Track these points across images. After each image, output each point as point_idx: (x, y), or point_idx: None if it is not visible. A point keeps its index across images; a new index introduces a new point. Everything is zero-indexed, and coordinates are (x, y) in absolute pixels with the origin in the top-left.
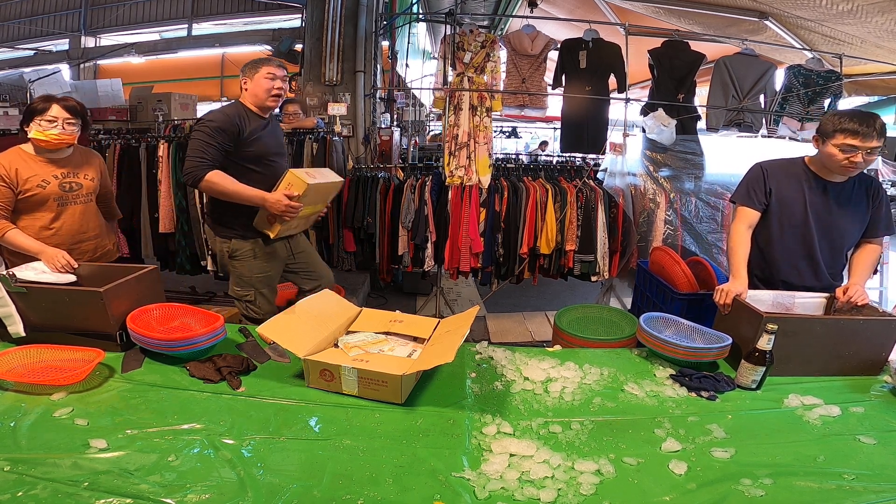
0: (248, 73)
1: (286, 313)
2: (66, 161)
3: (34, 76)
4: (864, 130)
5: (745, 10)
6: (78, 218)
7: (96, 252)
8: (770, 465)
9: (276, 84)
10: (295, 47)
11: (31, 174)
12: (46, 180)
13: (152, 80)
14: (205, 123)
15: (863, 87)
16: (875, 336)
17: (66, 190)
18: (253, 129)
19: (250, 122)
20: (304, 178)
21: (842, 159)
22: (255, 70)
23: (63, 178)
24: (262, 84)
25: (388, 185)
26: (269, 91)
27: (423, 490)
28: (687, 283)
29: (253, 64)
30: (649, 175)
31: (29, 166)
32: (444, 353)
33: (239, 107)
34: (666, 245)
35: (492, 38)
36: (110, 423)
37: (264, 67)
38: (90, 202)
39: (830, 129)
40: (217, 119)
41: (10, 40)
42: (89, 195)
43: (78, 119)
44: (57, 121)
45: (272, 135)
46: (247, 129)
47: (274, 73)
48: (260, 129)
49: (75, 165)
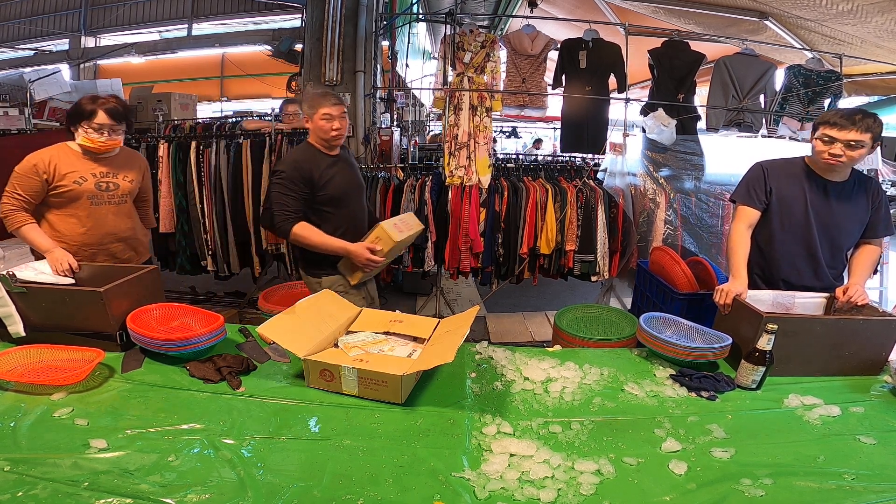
0: (307, 112)
1: (286, 313)
2: (109, 161)
3: (34, 76)
4: (842, 122)
5: (745, 10)
6: (110, 218)
7: (124, 254)
8: (770, 465)
9: (335, 125)
10: (295, 47)
11: (71, 170)
12: (84, 177)
13: (152, 80)
14: (278, 174)
15: (863, 87)
16: (875, 336)
17: (101, 189)
18: (324, 170)
19: (320, 163)
20: (391, 235)
21: (822, 151)
22: (312, 110)
23: (101, 177)
24: (320, 126)
25: (388, 185)
26: (329, 133)
27: (423, 490)
28: (687, 283)
29: (310, 103)
30: (649, 175)
31: (70, 162)
32: (444, 353)
33: (308, 150)
34: (666, 245)
35: (492, 38)
36: (110, 423)
37: (321, 109)
38: (124, 203)
39: (816, 123)
40: (287, 169)
41: (10, 40)
42: (124, 196)
43: (123, 123)
44: (103, 128)
45: (345, 170)
46: (318, 172)
47: (330, 114)
48: (330, 167)
49: (117, 166)
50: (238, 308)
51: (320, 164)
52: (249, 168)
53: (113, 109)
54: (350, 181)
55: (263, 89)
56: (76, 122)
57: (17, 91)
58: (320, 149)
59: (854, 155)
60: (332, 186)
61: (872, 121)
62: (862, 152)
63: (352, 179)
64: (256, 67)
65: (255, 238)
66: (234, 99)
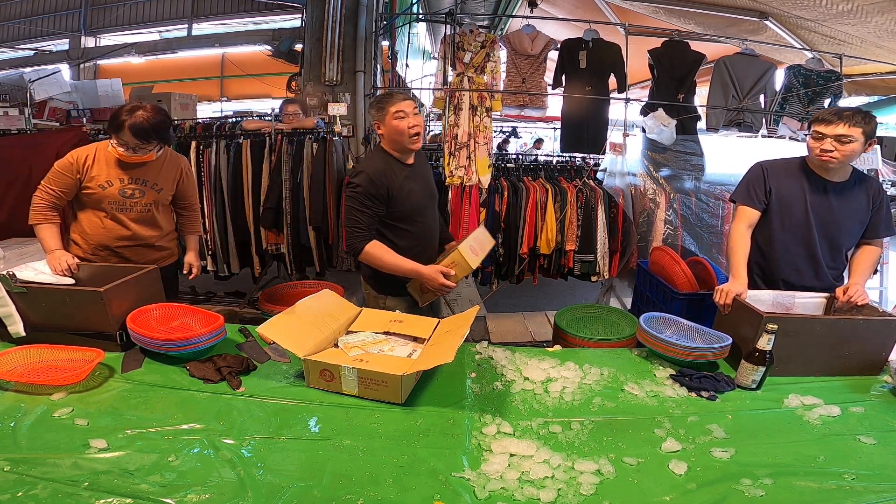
0: (377, 116)
1: (286, 313)
2: (143, 169)
3: (34, 76)
4: (829, 117)
5: (745, 10)
6: (129, 225)
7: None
8: (770, 465)
9: (410, 122)
10: (295, 47)
11: (100, 172)
12: (110, 181)
13: (152, 80)
14: (353, 188)
15: (863, 87)
16: (875, 336)
17: (125, 196)
18: (401, 182)
19: (397, 174)
20: (469, 261)
21: (814, 147)
22: (382, 112)
23: (127, 184)
24: (394, 127)
25: None
26: (405, 133)
27: (423, 490)
28: (687, 283)
29: (378, 105)
30: (649, 175)
31: (102, 164)
32: (444, 353)
33: (383, 160)
34: (666, 245)
35: (492, 38)
36: (110, 423)
37: (390, 107)
38: (148, 213)
39: (809, 122)
40: (363, 184)
41: (10, 40)
42: (149, 206)
43: (152, 142)
44: (128, 145)
45: (420, 180)
46: (395, 185)
47: (403, 111)
48: (407, 176)
49: (149, 174)
50: (238, 308)
51: (397, 176)
52: (249, 168)
53: (139, 127)
54: (425, 192)
55: (263, 89)
56: (109, 129)
57: (17, 91)
58: (396, 157)
59: (846, 150)
60: (408, 201)
61: (862, 117)
62: (854, 147)
63: (427, 190)
64: (256, 67)
65: (255, 238)
66: (234, 99)
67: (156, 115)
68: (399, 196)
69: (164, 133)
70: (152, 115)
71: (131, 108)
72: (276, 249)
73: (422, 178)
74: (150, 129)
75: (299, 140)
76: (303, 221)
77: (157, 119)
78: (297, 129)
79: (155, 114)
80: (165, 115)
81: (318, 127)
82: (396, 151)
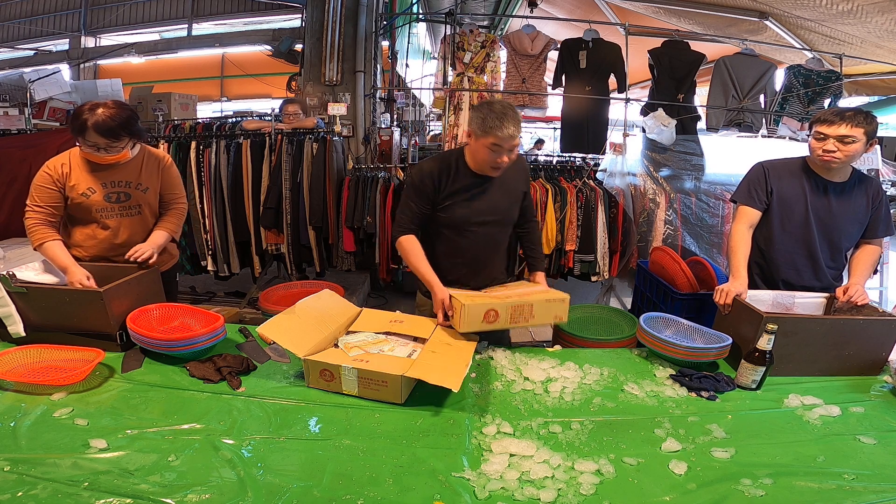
0: (474, 129)
1: (286, 313)
2: (121, 170)
3: (34, 76)
4: (831, 118)
5: (745, 10)
6: (123, 232)
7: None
8: (770, 465)
9: (501, 160)
10: (295, 47)
11: (79, 181)
12: (92, 188)
13: (152, 80)
14: (410, 176)
15: (863, 87)
16: (875, 336)
17: (111, 201)
18: (459, 188)
19: (458, 179)
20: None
21: (816, 148)
22: (481, 132)
23: (112, 187)
24: (481, 154)
25: (388, 185)
26: (487, 164)
27: (423, 490)
28: (687, 283)
29: (481, 121)
30: (649, 175)
31: (78, 171)
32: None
33: (449, 161)
34: (666, 245)
35: (492, 38)
36: (110, 423)
37: (491, 136)
38: (139, 214)
39: (810, 123)
40: (414, 178)
41: (10, 40)
42: (138, 207)
43: (121, 138)
44: (96, 146)
45: (490, 194)
46: (447, 189)
47: (500, 146)
48: (467, 189)
49: (131, 174)
50: (238, 308)
51: (455, 182)
52: (249, 168)
53: (102, 125)
54: (489, 209)
55: (263, 89)
56: (73, 133)
57: (17, 91)
58: (471, 166)
59: (849, 150)
60: (459, 210)
61: (864, 117)
62: (856, 147)
63: (492, 208)
64: (256, 67)
65: (255, 238)
66: (234, 99)
67: (119, 110)
68: (449, 202)
69: (131, 127)
70: (116, 111)
71: (91, 106)
72: (276, 249)
73: (493, 194)
74: (116, 126)
75: (299, 140)
76: (303, 221)
77: (121, 113)
78: (297, 129)
79: (118, 109)
80: (129, 108)
81: (318, 127)
82: (472, 166)
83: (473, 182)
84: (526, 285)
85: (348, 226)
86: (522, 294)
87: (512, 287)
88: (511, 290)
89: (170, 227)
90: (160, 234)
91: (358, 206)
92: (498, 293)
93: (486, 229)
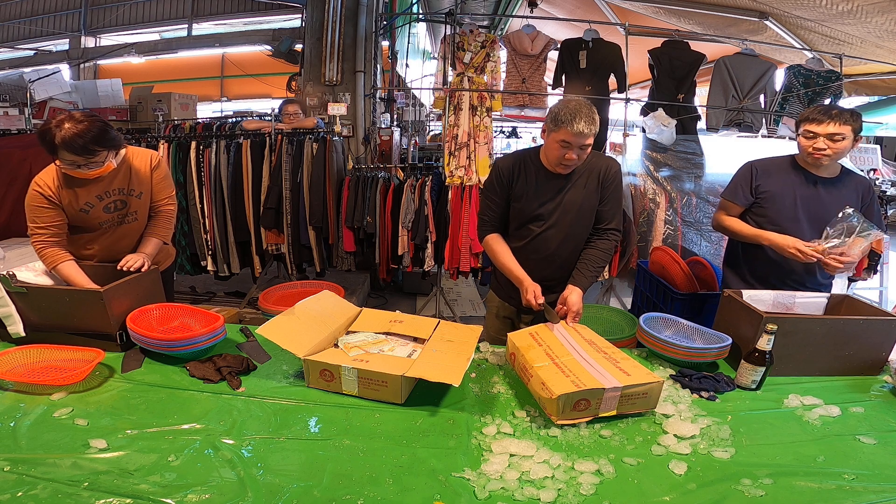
0: (548, 123)
1: (286, 314)
2: (112, 179)
3: (34, 76)
4: (819, 117)
5: (745, 10)
6: (125, 242)
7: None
8: (770, 465)
9: (569, 155)
10: (295, 47)
11: (73, 197)
12: (89, 203)
13: (152, 80)
14: (490, 173)
15: (863, 87)
16: (875, 336)
17: (110, 211)
18: (530, 185)
19: (531, 175)
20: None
21: (806, 146)
22: (553, 126)
23: (107, 197)
24: (551, 149)
25: (388, 185)
26: (557, 160)
27: (423, 490)
28: (687, 282)
29: (554, 115)
30: (649, 175)
31: (71, 187)
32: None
33: (529, 156)
34: (666, 245)
35: (492, 38)
36: (110, 423)
37: (563, 131)
38: (135, 221)
39: (797, 122)
40: (492, 175)
41: (10, 40)
42: (135, 214)
43: (98, 152)
44: (74, 164)
45: (565, 194)
46: (519, 184)
47: (569, 142)
48: (538, 185)
49: (122, 181)
50: (238, 308)
51: (530, 177)
52: (249, 168)
53: (71, 143)
54: (558, 208)
55: (263, 89)
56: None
57: (17, 91)
58: (544, 163)
59: (838, 147)
60: (528, 206)
61: (850, 114)
62: (845, 144)
63: (561, 208)
64: (256, 67)
65: (255, 238)
66: (235, 99)
67: (88, 124)
68: (521, 196)
69: (103, 141)
70: (84, 126)
71: (58, 122)
72: (276, 249)
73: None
74: (88, 142)
75: (299, 140)
76: (303, 221)
77: (90, 128)
78: (297, 129)
79: (87, 122)
80: (98, 120)
81: (318, 127)
82: (545, 162)
83: (545, 179)
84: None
85: (348, 226)
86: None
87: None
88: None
89: (160, 233)
90: (151, 242)
91: (358, 207)
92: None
93: (551, 229)
